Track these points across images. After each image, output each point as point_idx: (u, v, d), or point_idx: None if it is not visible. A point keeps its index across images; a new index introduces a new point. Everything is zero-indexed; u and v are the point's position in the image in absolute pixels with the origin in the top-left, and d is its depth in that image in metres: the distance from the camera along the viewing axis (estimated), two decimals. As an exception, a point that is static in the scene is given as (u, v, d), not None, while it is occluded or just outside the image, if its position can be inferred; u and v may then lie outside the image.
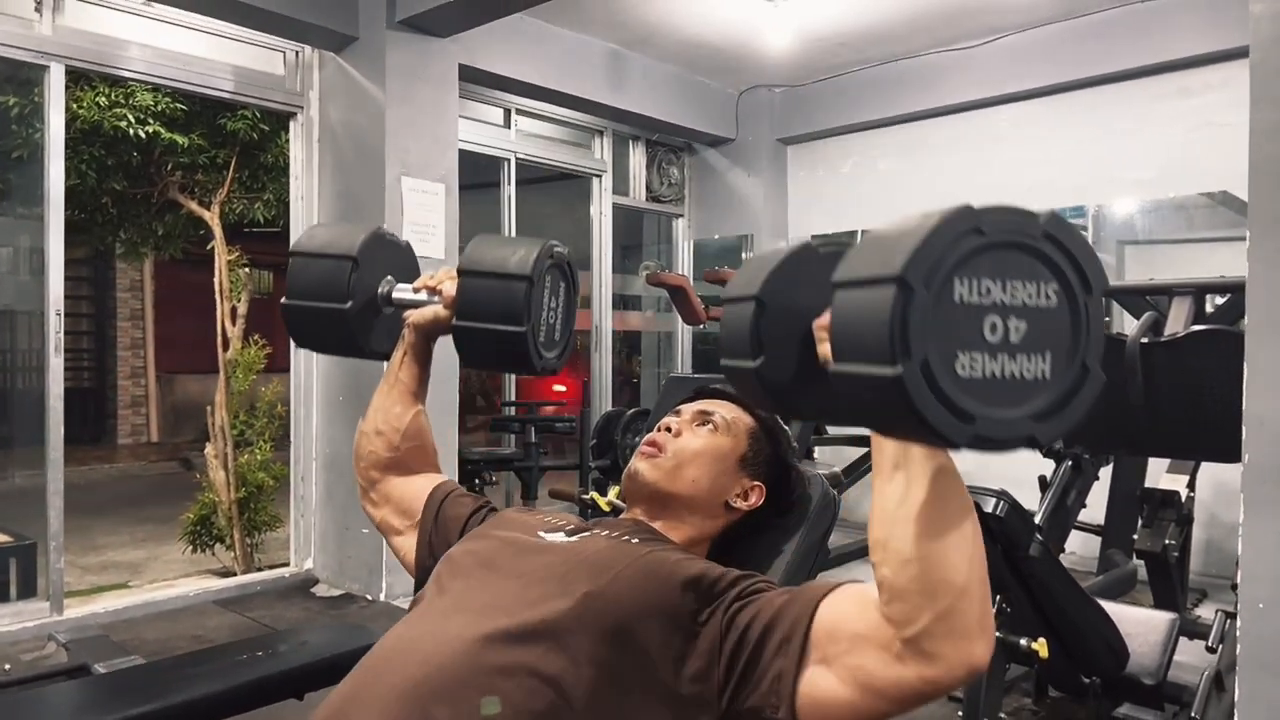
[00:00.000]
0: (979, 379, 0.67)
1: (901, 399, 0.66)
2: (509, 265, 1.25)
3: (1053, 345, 0.70)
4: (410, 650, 0.96)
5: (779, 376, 0.90)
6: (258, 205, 4.95)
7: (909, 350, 0.65)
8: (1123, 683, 2.39)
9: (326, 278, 1.35)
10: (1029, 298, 0.70)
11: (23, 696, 1.68)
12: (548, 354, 1.32)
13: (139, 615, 3.70)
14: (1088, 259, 0.71)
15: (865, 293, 0.69)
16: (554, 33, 4.78)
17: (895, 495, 0.81)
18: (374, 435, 1.39)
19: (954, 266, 0.67)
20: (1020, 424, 0.69)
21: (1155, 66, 4.47)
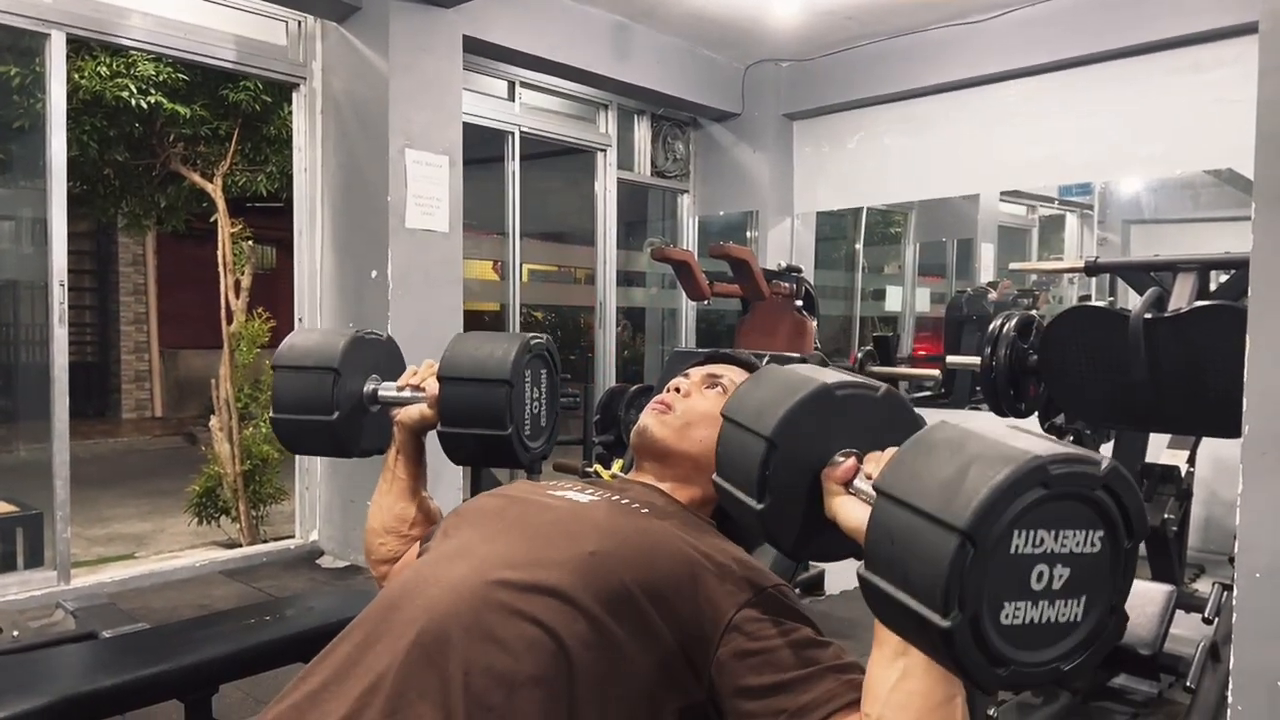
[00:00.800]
0: (1019, 626, 0.68)
1: (946, 648, 0.67)
2: (488, 370, 1.29)
3: (1089, 590, 0.71)
4: (416, 595, 0.97)
5: (783, 521, 0.89)
6: (260, 178, 4.94)
7: (963, 604, 0.65)
8: (1119, 653, 2.41)
9: (310, 391, 1.40)
10: (1076, 545, 0.70)
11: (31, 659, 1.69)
12: (534, 444, 1.36)
13: (145, 585, 3.74)
14: (1137, 510, 0.71)
15: (919, 524, 0.69)
16: (559, 4, 4.75)
17: (891, 680, 0.81)
18: (383, 533, 1.40)
19: (1016, 519, 0.66)
20: (1047, 668, 0.70)
21: (1167, 41, 4.41)
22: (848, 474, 0.86)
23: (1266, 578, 1.68)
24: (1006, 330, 2.92)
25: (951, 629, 0.65)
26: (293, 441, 1.49)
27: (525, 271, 5.55)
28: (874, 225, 7.48)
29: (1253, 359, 1.72)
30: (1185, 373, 2.39)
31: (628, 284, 6.14)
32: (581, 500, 1.11)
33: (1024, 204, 7.49)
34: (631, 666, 0.93)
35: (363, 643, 0.96)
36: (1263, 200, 1.74)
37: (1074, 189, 6.85)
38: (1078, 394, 2.69)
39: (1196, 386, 2.38)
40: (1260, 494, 1.70)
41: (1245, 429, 1.72)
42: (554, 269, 7.36)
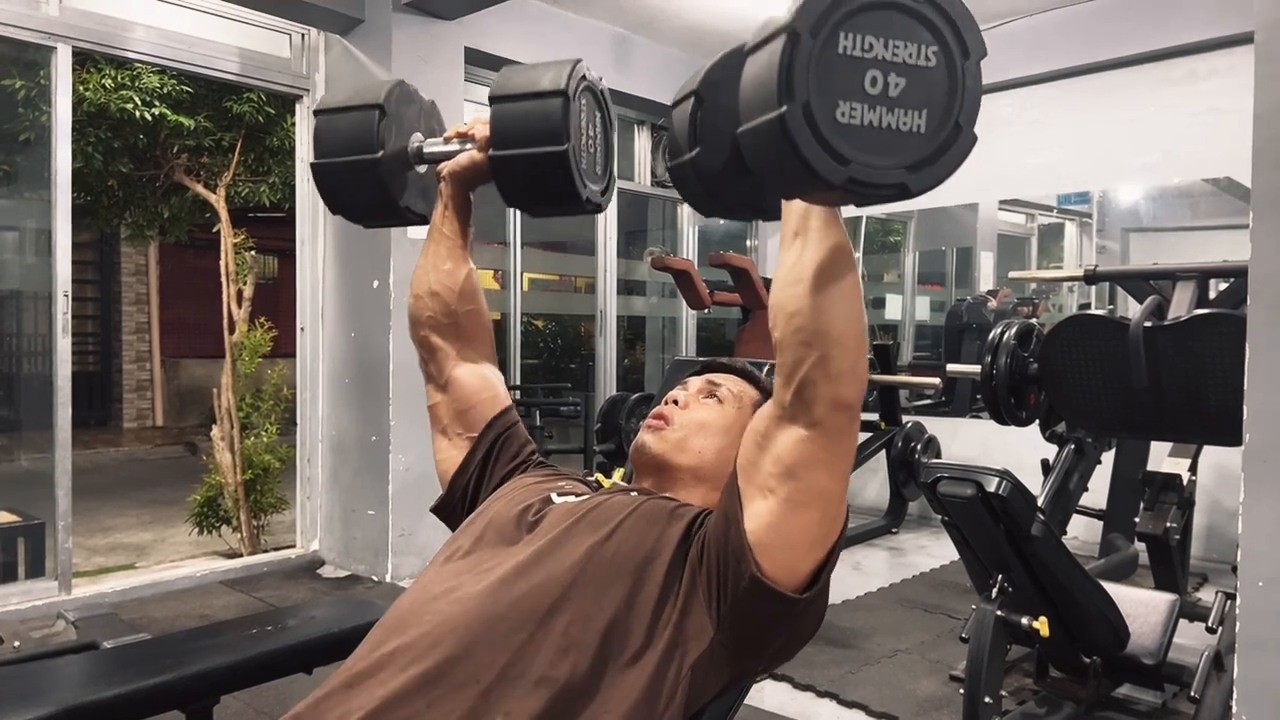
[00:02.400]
0: (857, 126, 0.72)
1: (784, 138, 0.70)
2: (542, 84, 1.19)
3: (929, 103, 0.75)
4: (429, 610, 0.99)
5: (712, 166, 0.96)
6: (263, 188, 4.96)
7: (793, 93, 0.70)
8: (1123, 662, 2.41)
9: (354, 130, 1.29)
10: (909, 57, 0.74)
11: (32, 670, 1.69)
12: (592, 185, 1.24)
13: (146, 595, 3.73)
14: (968, 25, 0.76)
15: (762, 51, 0.74)
16: (559, 16, 4.78)
17: (791, 259, 0.89)
18: (429, 297, 1.32)
19: (840, 20, 0.72)
20: (893, 172, 0.74)
21: (1162, 52, 4.44)
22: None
23: (1269, 586, 1.68)
24: (1007, 339, 2.93)
25: (784, 114, 0.70)
26: (335, 189, 1.35)
27: (526, 280, 5.56)
28: (873, 234, 7.49)
29: (1252, 367, 1.73)
30: (1185, 381, 2.40)
31: (628, 293, 6.16)
32: (579, 500, 1.13)
33: (1023, 212, 7.50)
34: (645, 637, 0.95)
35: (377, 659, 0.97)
36: (1260, 209, 1.75)
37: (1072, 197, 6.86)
38: (1078, 402, 2.69)
39: (1197, 395, 2.39)
40: (1262, 503, 1.70)
41: (1246, 437, 1.72)
42: (554, 278, 7.38)
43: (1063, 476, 3.24)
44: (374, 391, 4.04)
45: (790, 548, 0.93)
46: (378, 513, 4.03)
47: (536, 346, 7.16)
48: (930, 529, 4.88)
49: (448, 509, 1.31)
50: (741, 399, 1.23)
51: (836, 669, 2.89)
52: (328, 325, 4.33)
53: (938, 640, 3.19)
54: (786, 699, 2.72)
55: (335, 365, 4.28)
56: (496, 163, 1.22)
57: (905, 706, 2.64)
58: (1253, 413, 1.72)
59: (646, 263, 5.98)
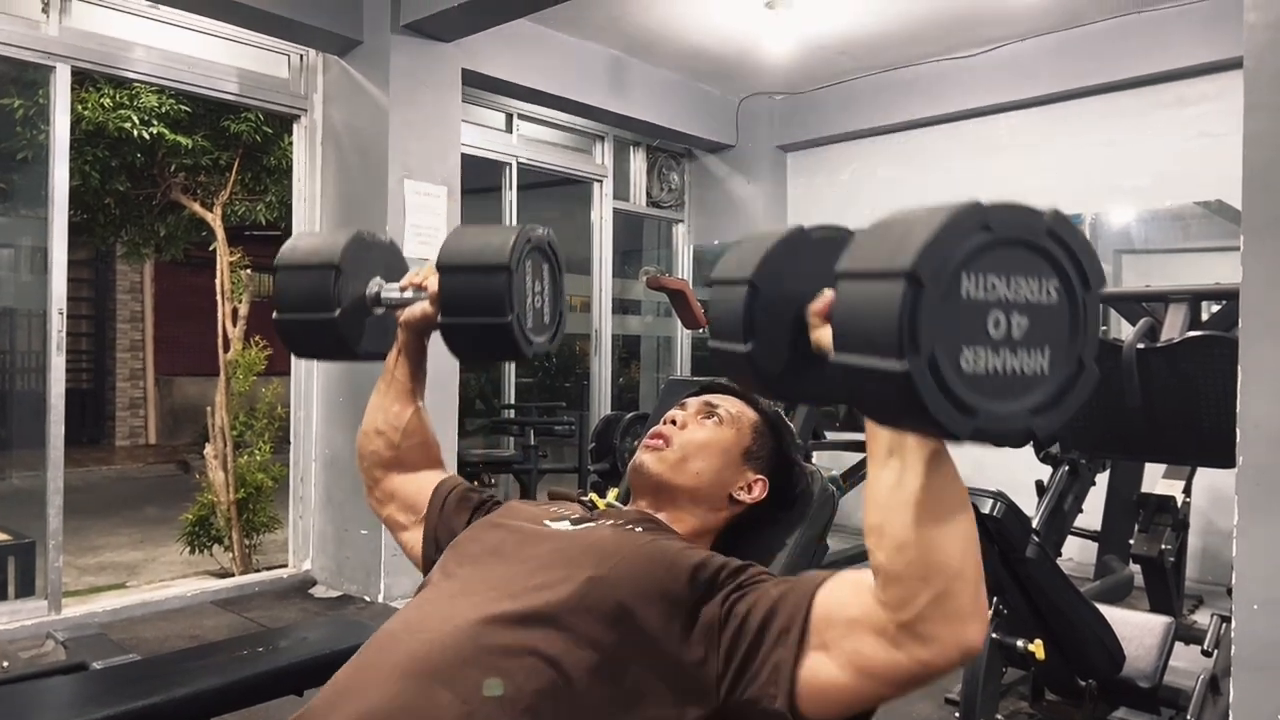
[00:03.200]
0: (982, 374, 0.68)
1: (908, 394, 0.66)
2: (486, 257, 1.24)
3: (1052, 341, 0.71)
4: (415, 630, 0.98)
5: (771, 362, 0.90)
6: (260, 207, 4.97)
7: (918, 346, 0.66)
8: (1119, 686, 2.40)
9: (312, 288, 1.35)
10: (1031, 294, 0.71)
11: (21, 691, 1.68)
12: (537, 339, 1.30)
13: (137, 615, 3.70)
14: (1088, 257, 0.72)
15: (872, 286, 0.70)
16: (556, 38, 4.81)
17: (890, 481, 0.82)
18: (374, 435, 1.39)
19: (962, 263, 0.68)
20: (1019, 418, 0.70)
21: (1153, 76, 4.50)
22: (828, 304, 0.86)
23: (1264, 609, 1.68)
24: (1001, 360, 2.93)
25: (909, 371, 0.66)
26: (296, 343, 1.44)
27: (522, 300, 5.55)
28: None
29: (1244, 389, 1.74)
30: (1178, 403, 2.41)
31: (623, 312, 6.17)
32: (576, 529, 1.12)
33: (1017, 235, 7.56)
34: (637, 683, 0.93)
35: (360, 679, 0.96)
36: (1250, 232, 1.77)
37: (1066, 220, 6.92)
38: (1072, 423, 2.69)
39: (1190, 416, 2.40)
40: (1256, 525, 1.70)
41: (1239, 460, 1.73)
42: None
43: (1057, 498, 3.23)
44: (368, 410, 4.02)
45: (830, 706, 0.90)
46: (371, 533, 4.01)
47: (531, 365, 7.16)
48: (925, 550, 4.85)
49: None
50: (740, 420, 1.23)
51: (831, 691, 2.87)
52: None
53: (933, 662, 3.17)
54: (781, 722, 2.70)
55: (330, 384, 4.27)
56: (445, 327, 1.28)
57: (901, 730, 2.62)
58: (1245, 435, 1.72)
59: (642, 282, 6.00)
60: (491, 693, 0.89)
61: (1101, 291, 0.74)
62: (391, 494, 1.39)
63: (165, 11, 3.81)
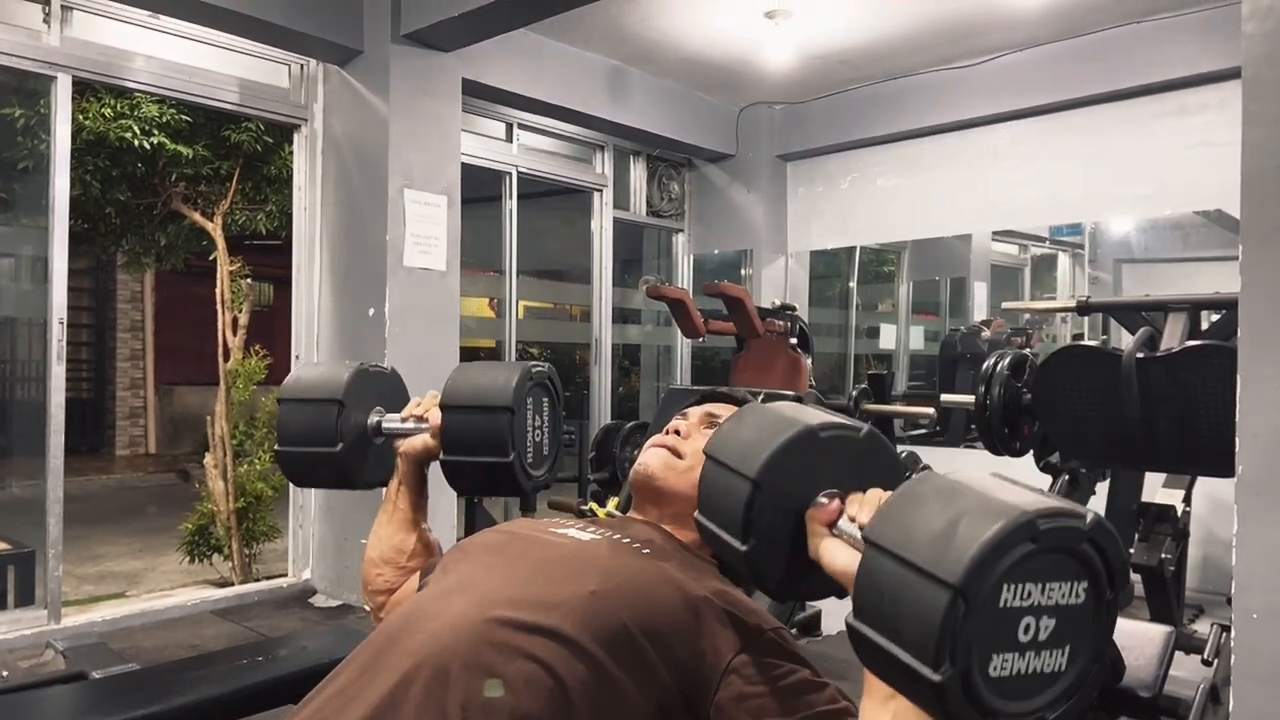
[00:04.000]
0: (1007, 678, 0.69)
1: (938, 702, 0.67)
2: (489, 398, 1.28)
3: (1073, 639, 0.72)
4: (416, 629, 0.97)
5: (768, 564, 0.90)
6: (260, 216, 4.98)
7: (954, 659, 0.66)
8: (1119, 695, 2.38)
9: (314, 422, 1.39)
10: (1062, 597, 0.71)
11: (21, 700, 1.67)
12: (536, 473, 1.34)
13: (136, 624, 3.70)
14: (1120, 562, 0.73)
15: (912, 578, 0.69)
16: (556, 48, 4.83)
17: None
18: (381, 564, 1.39)
19: (1004, 575, 0.67)
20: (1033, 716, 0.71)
21: (1152, 86, 4.51)
22: (832, 516, 0.87)
23: (1264, 619, 1.68)
24: (1000, 369, 2.93)
25: (944, 683, 0.66)
26: (297, 474, 1.49)
27: (521, 309, 5.57)
28: (867, 264, 7.53)
29: (1244, 398, 1.74)
30: (1178, 412, 2.41)
31: (623, 321, 6.17)
32: (583, 538, 1.11)
33: (1016, 243, 7.56)
34: (629, 707, 0.93)
35: (360, 676, 0.96)
36: (1250, 242, 1.77)
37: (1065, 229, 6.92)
38: (1072, 433, 2.70)
39: (1190, 426, 2.40)
40: (1256, 534, 1.70)
41: (1239, 469, 1.73)
42: (550, 306, 7.39)
43: (1057, 507, 3.23)
44: (368, 419, 4.03)
45: None
46: (371, 541, 4.00)
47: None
48: (926, 559, 4.85)
49: None
50: None
51: (832, 701, 2.86)
52: (323, 353, 4.33)
53: (934, 672, 3.16)
54: (782, 732, 2.69)
55: (330, 393, 4.27)
56: (446, 465, 1.32)
57: (901, 740, 2.61)
58: (1245, 444, 1.72)
59: (641, 291, 6.01)
60: (492, 694, 0.89)
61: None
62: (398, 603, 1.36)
63: (166, 22, 3.83)
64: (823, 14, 4.45)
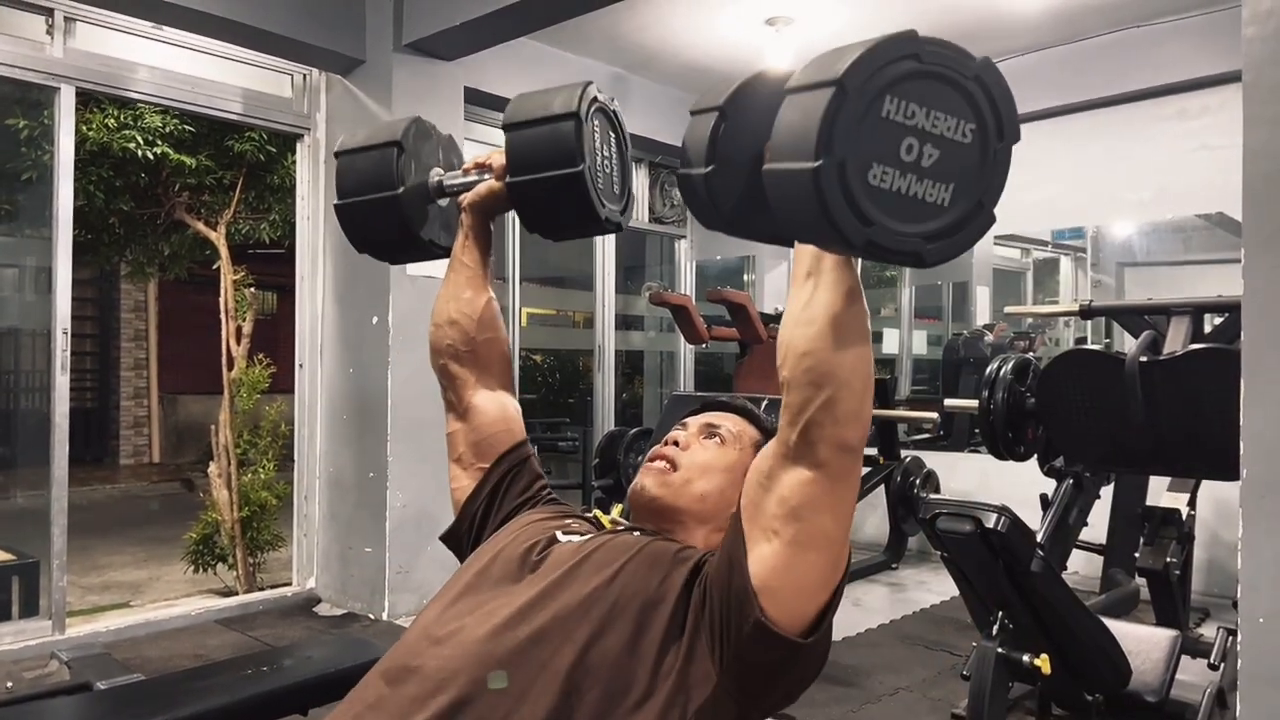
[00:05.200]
0: (886, 191, 0.73)
1: (814, 191, 0.71)
2: (554, 107, 1.20)
3: (958, 178, 0.76)
4: (426, 655, 0.99)
5: (725, 187, 0.93)
6: (264, 226, 4.99)
7: (831, 148, 0.70)
8: (1126, 700, 2.38)
9: (374, 169, 1.32)
10: (947, 130, 0.75)
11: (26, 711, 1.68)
12: (610, 205, 1.24)
13: (141, 634, 3.70)
14: (1008, 109, 0.77)
15: (806, 96, 0.74)
16: (558, 56, 4.85)
17: (803, 299, 0.90)
18: (448, 325, 1.34)
19: (888, 84, 0.72)
20: (912, 240, 0.75)
21: (1154, 90, 4.52)
22: None
23: (1270, 622, 1.68)
24: (1004, 373, 2.94)
25: (818, 168, 0.70)
26: (357, 229, 1.38)
27: (525, 316, 5.58)
28: (870, 268, 7.53)
29: (1247, 402, 1.74)
30: (1182, 415, 2.41)
31: (626, 328, 6.18)
32: (582, 541, 1.12)
33: (1018, 247, 7.56)
34: (646, 685, 0.94)
35: (375, 707, 0.97)
36: (1251, 245, 1.77)
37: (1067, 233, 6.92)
38: (1076, 437, 2.70)
39: (1193, 429, 2.40)
40: (1261, 537, 1.70)
41: (1243, 473, 1.72)
42: (553, 313, 7.40)
43: (1062, 511, 3.23)
44: (372, 428, 4.04)
45: (795, 591, 0.93)
46: (375, 550, 4.00)
47: (535, 381, 7.16)
48: (930, 564, 4.85)
49: (456, 537, 1.33)
50: (741, 438, 1.23)
51: (838, 707, 2.86)
52: (326, 361, 4.33)
53: (939, 677, 3.16)
54: (787, 738, 2.68)
55: (334, 401, 4.28)
56: (514, 189, 1.24)
57: (907, 746, 2.61)
58: (1248, 447, 1.72)
59: (644, 298, 6.01)
60: (496, 685, 0.92)
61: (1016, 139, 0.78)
62: (469, 410, 1.33)
63: (169, 32, 3.85)
64: (823, 20, 4.46)
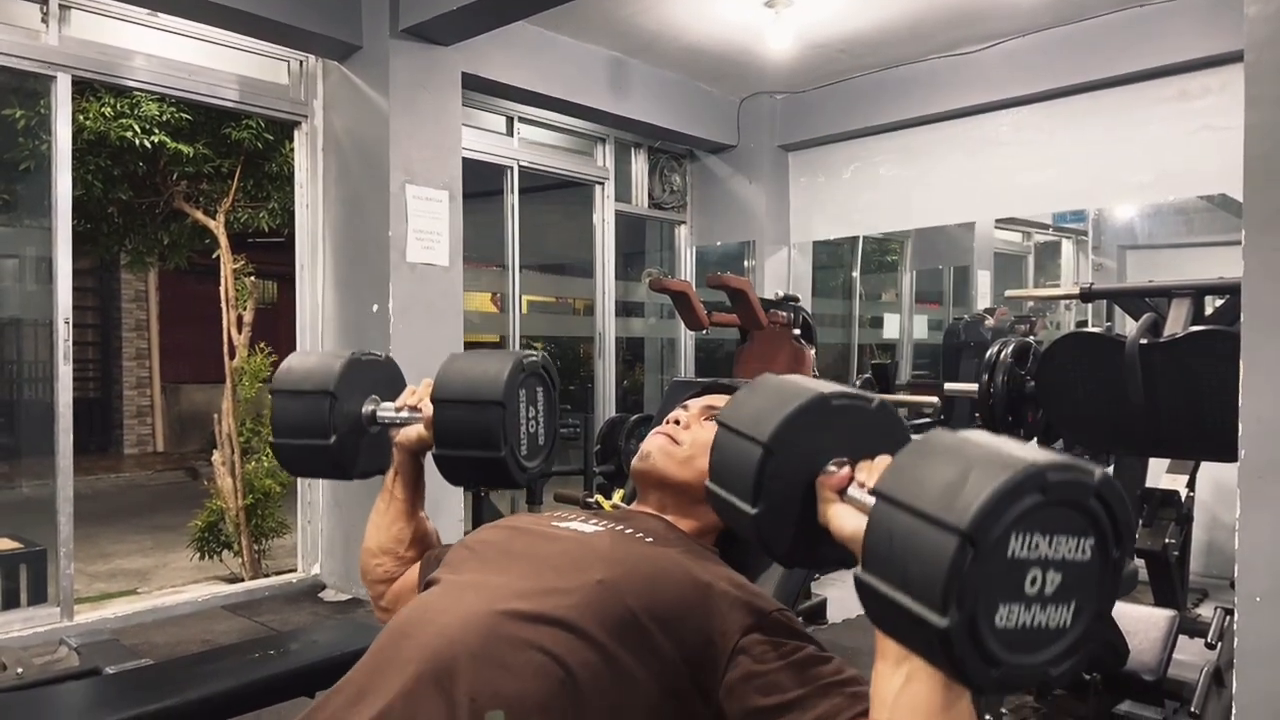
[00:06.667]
0: (1013, 630, 0.69)
1: (943, 648, 0.68)
2: (480, 391, 1.27)
3: (1079, 596, 0.72)
4: (425, 627, 0.99)
5: (777, 529, 0.90)
6: (263, 214, 4.99)
7: (961, 605, 0.67)
8: (1123, 679, 2.40)
9: (307, 414, 1.39)
10: (1069, 553, 0.71)
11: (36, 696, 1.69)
12: (530, 464, 1.33)
13: (148, 620, 3.72)
14: (1126, 519, 0.73)
15: (921, 526, 0.70)
16: (556, 41, 4.83)
17: (896, 686, 0.81)
18: (380, 554, 1.40)
19: (1013, 524, 0.68)
20: (1038, 669, 0.71)
21: (1155, 70, 4.49)
22: (842, 482, 0.87)
23: (1267, 601, 1.69)
24: (1004, 357, 2.94)
25: (949, 629, 0.67)
26: (293, 465, 1.50)
27: (525, 303, 5.58)
28: (870, 253, 7.53)
29: (1246, 383, 1.74)
30: (1181, 397, 2.41)
31: (626, 314, 6.18)
32: (586, 530, 1.12)
33: (1019, 231, 7.55)
34: (640, 693, 0.94)
35: (372, 673, 0.97)
36: (1252, 226, 1.77)
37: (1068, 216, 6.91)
38: (1076, 419, 2.70)
39: (1193, 411, 2.40)
40: (1258, 518, 1.71)
41: (1241, 453, 1.73)
42: (553, 300, 7.40)
43: (1062, 493, 3.23)
44: (374, 415, 4.04)
45: None
46: (378, 536, 4.02)
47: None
48: (931, 547, 4.87)
49: None
50: None
51: (839, 689, 2.88)
52: (327, 348, 4.34)
53: (940, 659, 3.18)
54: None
55: (335, 389, 4.28)
56: (439, 458, 1.31)
57: (908, 726, 2.63)
58: (1247, 428, 1.73)
59: (645, 284, 6.01)
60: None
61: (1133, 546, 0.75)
62: (398, 596, 1.37)
63: (165, 20, 3.84)
64: (823, 2, 4.44)
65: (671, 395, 3.73)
